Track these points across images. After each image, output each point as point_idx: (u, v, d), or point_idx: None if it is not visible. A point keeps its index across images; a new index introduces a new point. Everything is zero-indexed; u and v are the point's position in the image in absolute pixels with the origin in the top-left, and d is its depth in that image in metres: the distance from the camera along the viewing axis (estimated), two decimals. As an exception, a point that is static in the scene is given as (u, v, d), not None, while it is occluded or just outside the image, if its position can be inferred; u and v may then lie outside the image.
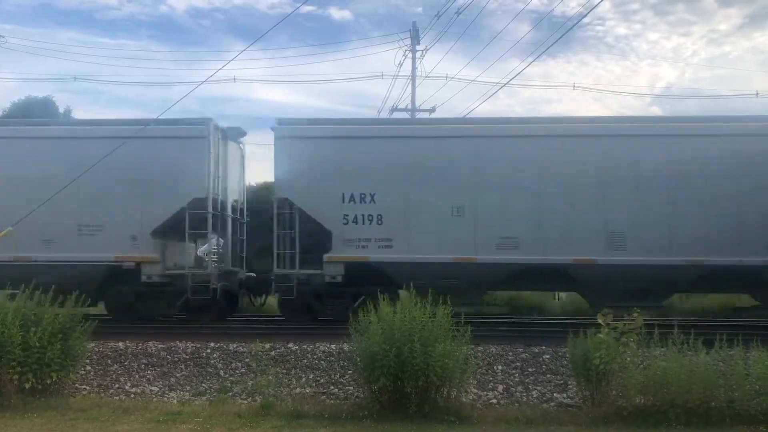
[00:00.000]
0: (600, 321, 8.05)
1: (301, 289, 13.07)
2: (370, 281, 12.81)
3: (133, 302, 13.53)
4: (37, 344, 8.17)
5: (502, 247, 12.71)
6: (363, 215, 13.01)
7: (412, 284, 9.24)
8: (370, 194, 13.03)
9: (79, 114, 35.05)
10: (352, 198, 13.06)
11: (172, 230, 13.54)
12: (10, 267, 12.71)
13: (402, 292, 11.75)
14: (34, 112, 27.15)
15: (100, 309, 14.50)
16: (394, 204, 12.99)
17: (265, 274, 14.36)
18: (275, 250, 13.28)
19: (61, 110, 32.04)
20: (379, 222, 12.98)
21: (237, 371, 9.74)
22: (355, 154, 13.25)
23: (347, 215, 13.01)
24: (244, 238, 15.21)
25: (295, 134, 13.51)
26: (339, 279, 12.96)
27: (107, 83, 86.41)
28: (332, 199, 13.06)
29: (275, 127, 13.61)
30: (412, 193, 12.99)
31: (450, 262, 12.73)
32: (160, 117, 12.43)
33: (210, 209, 13.32)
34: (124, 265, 13.14)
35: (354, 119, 15.46)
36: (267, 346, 10.16)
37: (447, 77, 32.90)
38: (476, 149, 13.03)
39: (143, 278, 13.14)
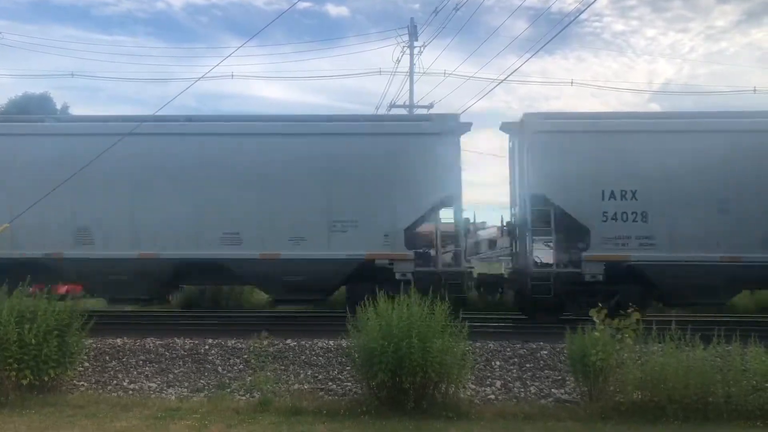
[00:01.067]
0: (593, 317, 8.06)
1: (558, 288, 12.70)
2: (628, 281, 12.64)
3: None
4: (33, 341, 8.16)
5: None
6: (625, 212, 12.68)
7: None
8: (632, 191, 12.70)
9: (76, 111, 34.97)
10: (612, 195, 12.73)
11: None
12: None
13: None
14: (31, 109, 27.11)
15: (97, 303, 14.51)
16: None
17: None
18: (530, 247, 13.11)
19: (59, 107, 32.01)
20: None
21: (235, 367, 9.74)
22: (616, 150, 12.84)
23: (607, 212, 12.69)
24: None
25: (549, 129, 13.11)
26: (599, 278, 12.58)
27: (105, 80, 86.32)
28: (591, 196, 12.72)
29: (527, 121, 13.35)
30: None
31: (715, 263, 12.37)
32: (156, 113, 12.48)
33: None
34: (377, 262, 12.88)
35: (608, 113, 14.92)
36: (265, 342, 10.15)
37: (445, 73, 32.76)
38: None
39: (397, 276, 12.76)
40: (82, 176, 11.50)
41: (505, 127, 13.98)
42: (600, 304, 8.33)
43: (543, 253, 13.81)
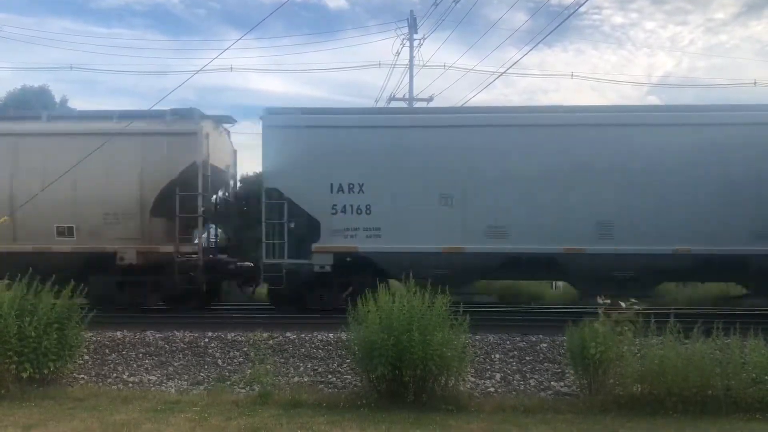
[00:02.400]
0: (598, 310, 8.07)
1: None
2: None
3: None
4: (33, 334, 8.17)
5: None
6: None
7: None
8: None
9: (75, 104, 34.88)
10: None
11: None
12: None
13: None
14: (29, 102, 27.01)
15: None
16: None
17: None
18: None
19: (57, 100, 31.88)
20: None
21: (235, 360, 9.75)
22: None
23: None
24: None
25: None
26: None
27: (103, 72, 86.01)
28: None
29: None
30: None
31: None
32: (152, 108, 12.54)
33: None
34: None
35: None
36: (265, 335, 10.16)
37: (445, 66, 32.73)
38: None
39: None
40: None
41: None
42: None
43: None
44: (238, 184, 16.47)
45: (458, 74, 42.64)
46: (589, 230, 12.60)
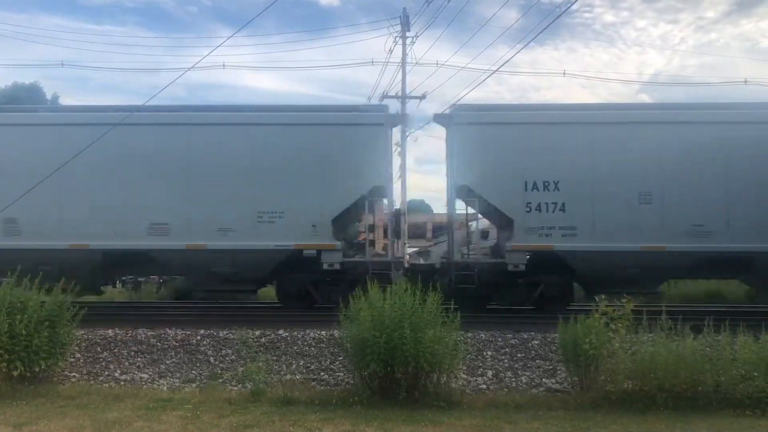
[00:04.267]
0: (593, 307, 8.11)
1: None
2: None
3: None
4: (24, 332, 8.13)
5: None
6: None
7: None
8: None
9: (66, 101, 34.66)
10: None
11: None
12: None
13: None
14: (20, 99, 26.86)
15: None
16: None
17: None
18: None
19: (49, 97, 31.73)
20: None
21: (227, 358, 9.73)
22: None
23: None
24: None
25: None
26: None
27: (94, 69, 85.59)
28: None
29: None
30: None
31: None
32: (146, 103, 12.46)
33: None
34: None
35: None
36: (257, 332, 10.14)
37: (437, 64, 32.58)
38: None
39: None
40: None
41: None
42: None
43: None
44: None
45: (451, 72, 42.70)
46: None
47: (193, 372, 9.37)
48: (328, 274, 13.04)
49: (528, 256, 12.88)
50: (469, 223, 14.23)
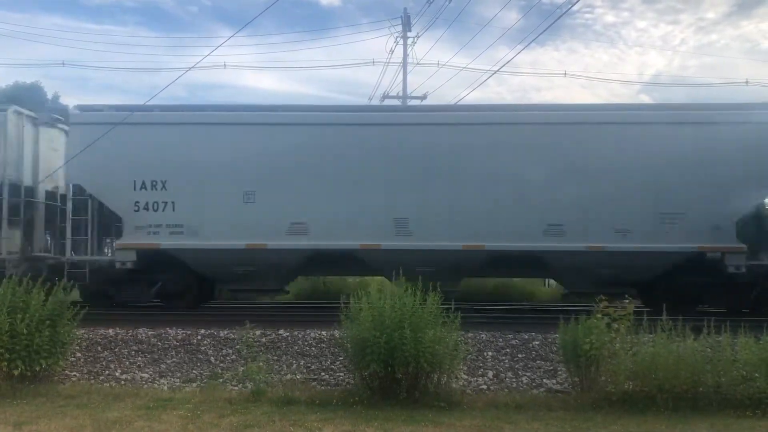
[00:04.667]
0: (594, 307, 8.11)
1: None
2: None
3: None
4: (25, 331, 8.13)
5: None
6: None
7: None
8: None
9: (67, 100, 34.70)
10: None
11: None
12: None
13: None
14: (21, 98, 26.84)
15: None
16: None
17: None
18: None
19: (50, 96, 31.71)
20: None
21: (228, 358, 9.74)
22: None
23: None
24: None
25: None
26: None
27: (95, 69, 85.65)
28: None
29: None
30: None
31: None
32: (147, 102, 12.47)
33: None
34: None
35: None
36: (258, 332, 10.14)
37: (438, 64, 32.54)
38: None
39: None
40: None
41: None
42: None
43: None
44: None
45: (451, 72, 42.65)
46: None
47: (194, 372, 9.37)
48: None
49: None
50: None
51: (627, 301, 8.31)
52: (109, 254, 14.03)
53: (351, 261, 13.09)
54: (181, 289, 13.51)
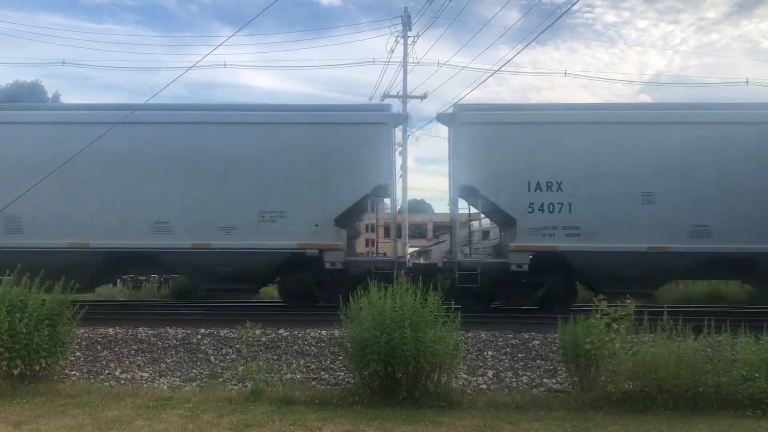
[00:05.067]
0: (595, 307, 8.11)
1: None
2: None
3: None
4: (24, 330, 8.13)
5: None
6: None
7: None
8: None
9: (67, 99, 34.71)
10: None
11: None
12: None
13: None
14: (22, 97, 26.88)
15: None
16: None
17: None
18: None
19: (50, 95, 31.75)
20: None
21: (227, 357, 9.74)
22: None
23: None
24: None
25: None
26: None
27: (95, 68, 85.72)
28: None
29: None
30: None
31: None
32: (147, 102, 12.52)
33: None
34: None
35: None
36: (258, 332, 10.14)
37: (438, 64, 32.49)
38: None
39: None
40: None
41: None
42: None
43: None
44: None
45: (452, 72, 42.70)
46: None
47: (194, 371, 9.37)
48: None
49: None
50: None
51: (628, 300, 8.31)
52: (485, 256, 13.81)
53: None
54: (564, 293, 13.28)
